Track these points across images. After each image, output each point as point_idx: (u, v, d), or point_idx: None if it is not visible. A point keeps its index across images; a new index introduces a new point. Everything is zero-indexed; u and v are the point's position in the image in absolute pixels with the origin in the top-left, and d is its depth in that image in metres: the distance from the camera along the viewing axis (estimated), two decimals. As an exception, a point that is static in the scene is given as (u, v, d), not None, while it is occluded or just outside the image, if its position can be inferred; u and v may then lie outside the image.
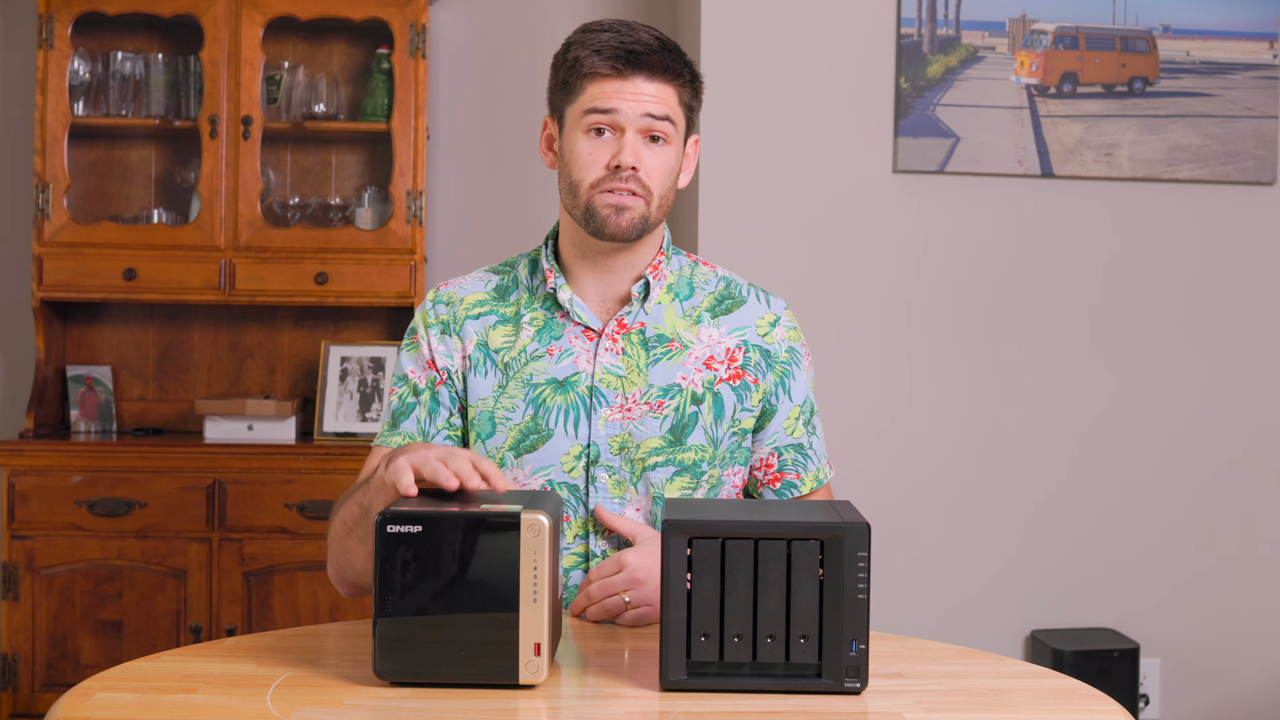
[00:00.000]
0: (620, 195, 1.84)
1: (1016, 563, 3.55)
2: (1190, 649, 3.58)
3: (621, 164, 1.83)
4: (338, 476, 3.39)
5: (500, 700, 1.43)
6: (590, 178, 1.85)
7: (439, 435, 1.92)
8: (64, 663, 3.35)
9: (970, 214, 3.52)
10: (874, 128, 3.48)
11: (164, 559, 3.37)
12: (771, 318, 1.97)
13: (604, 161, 1.84)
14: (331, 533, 1.83)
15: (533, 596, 1.45)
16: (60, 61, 3.50)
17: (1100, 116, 3.52)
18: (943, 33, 3.48)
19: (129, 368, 3.75)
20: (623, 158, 1.83)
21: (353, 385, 3.64)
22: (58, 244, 3.51)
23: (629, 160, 1.83)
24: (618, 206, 1.85)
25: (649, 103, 1.84)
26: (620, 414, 1.88)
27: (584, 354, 1.90)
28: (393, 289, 3.55)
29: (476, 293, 1.97)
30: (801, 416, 1.97)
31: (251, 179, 3.53)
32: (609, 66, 1.83)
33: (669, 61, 1.85)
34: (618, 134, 1.84)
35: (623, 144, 1.84)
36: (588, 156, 1.85)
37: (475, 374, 1.92)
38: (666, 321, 1.93)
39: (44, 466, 3.37)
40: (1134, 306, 3.56)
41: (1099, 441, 3.56)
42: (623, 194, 1.84)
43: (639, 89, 1.83)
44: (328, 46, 3.76)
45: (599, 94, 1.84)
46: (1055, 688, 1.53)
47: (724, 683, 1.46)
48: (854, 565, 1.45)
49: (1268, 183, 3.57)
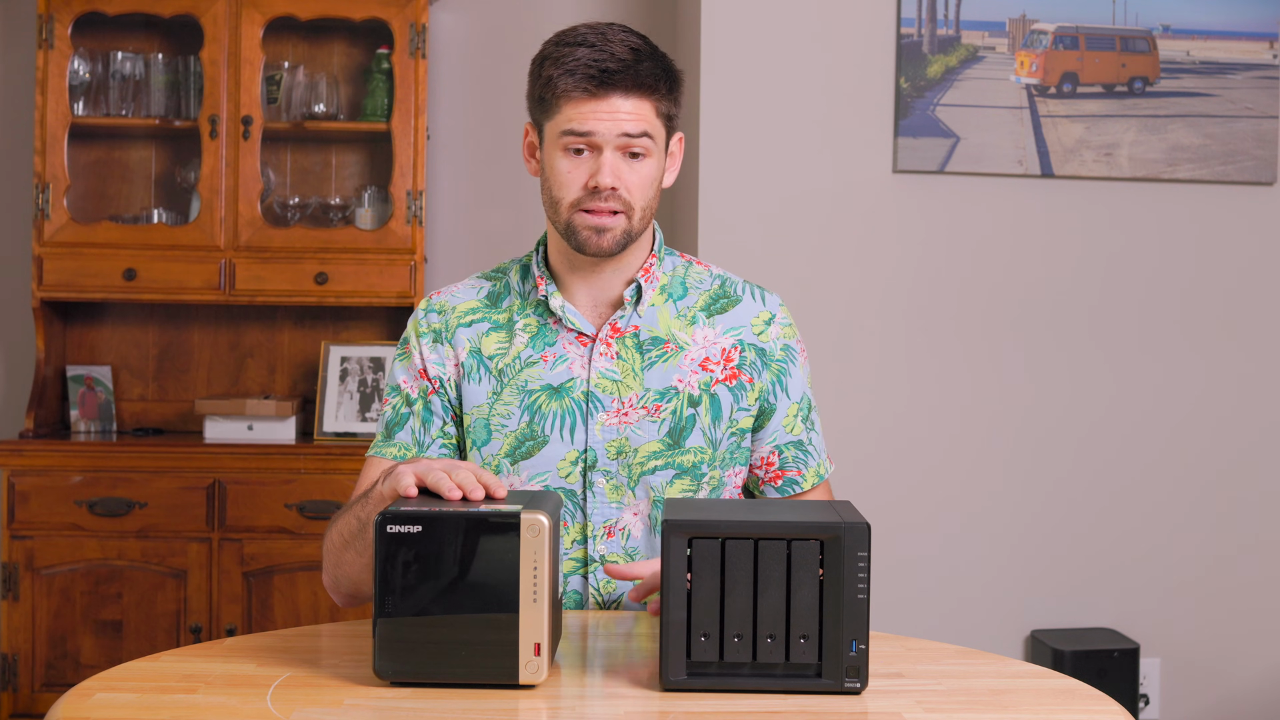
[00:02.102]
0: (600, 217, 1.83)
1: (1016, 563, 3.55)
2: (1190, 649, 3.58)
3: (600, 185, 1.82)
4: (338, 476, 3.39)
5: (500, 700, 1.43)
6: (569, 197, 1.84)
7: (434, 445, 1.92)
8: (64, 663, 3.35)
9: (970, 214, 3.52)
10: (874, 128, 3.48)
11: (164, 559, 3.37)
12: (766, 315, 1.97)
13: (582, 181, 1.83)
14: (327, 543, 1.83)
15: (533, 596, 1.45)
16: (60, 61, 3.50)
17: (1100, 116, 3.52)
18: (943, 33, 3.48)
19: (129, 368, 3.75)
20: (601, 179, 1.82)
21: (353, 385, 3.64)
22: (58, 244, 3.51)
23: (608, 181, 1.82)
24: (598, 228, 1.84)
25: (625, 121, 1.82)
26: (617, 419, 1.88)
27: (578, 359, 1.90)
28: (393, 289, 3.55)
29: (468, 300, 1.97)
30: (800, 413, 1.97)
31: (251, 179, 3.53)
32: (582, 89, 1.81)
33: (643, 76, 1.82)
34: (595, 153, 1.83)
35: (600, 164, 1.82)
36: (566, 175, 1.84)
37: (469, 381, 1.92)
38: (661, 323, 1.93)
39: (44, 466, 3.37)
40: (1134, 306, 3.56)
41: (1099, 441, 3.56)
42: (603, 215, 1.83)
43: (615, 108, 1.81)
44: (328, 46, 3.76)
45: (575, 115, 1.82)
46: (1055, 688, 1.53)
47: (724, 683, 1.46)
48: (854, 565, 1.45)
49: (1268, 183, 3.57)
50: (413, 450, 1.92)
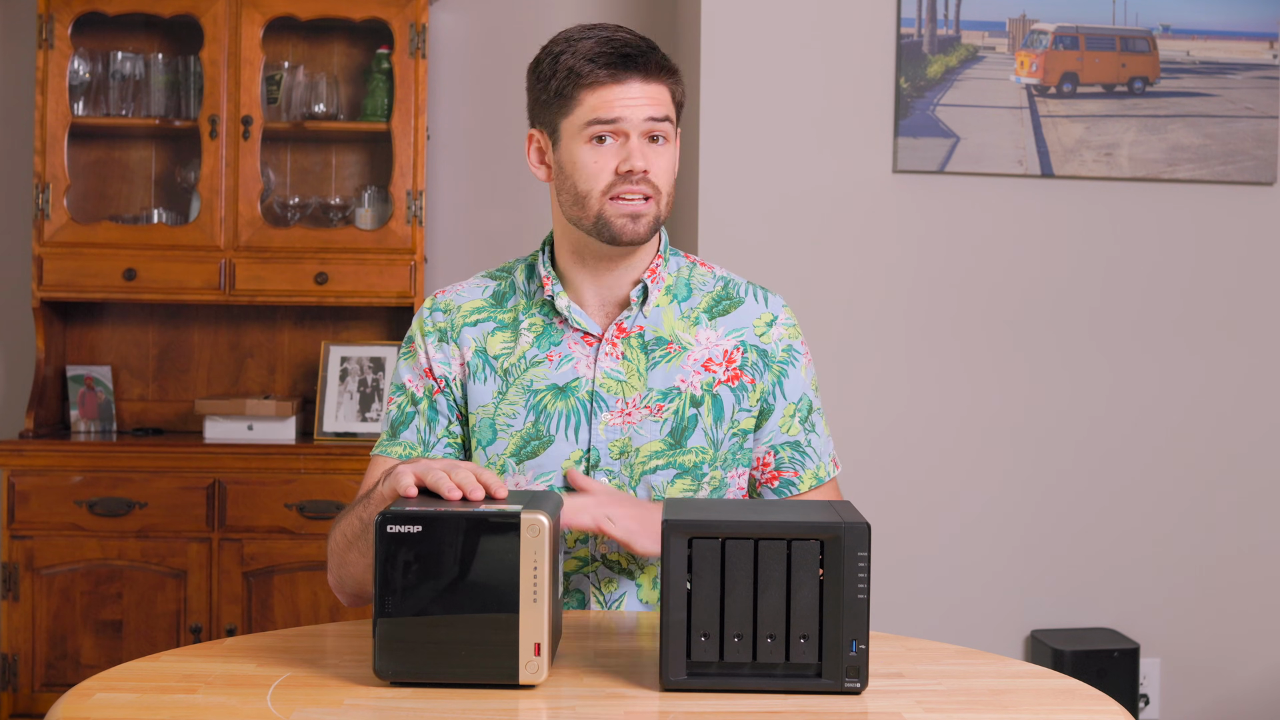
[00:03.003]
0: (634, 203, 1.84)
1: (1016, 563, 3.55)
2: (1190, 649, 3.58)
3: (634, 169, 1.82)
4: (338, 476, 3.39)
5: (500, 700, 1.43)
6: (600, 185, 1.84)
7: (439, 444, 1.92)
8: (64, 663, 3.35)
9: (970, 214, 3.52)
10: (874, 128, 3.48)
11: (164, 559, 3.37)
12: (769, 317, 1.97)
13: (612, 167, 1.84)
14: (332, 544, 1.83)
15: (533, 597, 1.45)
16: (60, 61, 3.50)
17: (1100, 116, 3.52)
18: (943, 33, 3.48)
19: (129, 368, 3.75)
20: (633, 162, 1.82)
21: (353, 385, 3.64)
22: (58, 244, 3.51)
23: (640, 164, 1.83)
24: (633, 215, 1.84)
25: (649, 106, 1.83)
26: (620, 419, 1.88)
27: (584, 359, 1.90)
28: (393, 289, 3.55)
29: (474, 299, 1.97)
30: (798, 414, 1.96)
31: (251, 179, 3.53)
32: (606, 73, 1.82)
33: (661, 60, 1.85)
34: (621, 139, 1.84)
35: (630, 149, 1.83)
36: (594, 165, 1.84)
37: (474, 381, 1.92)
38: (665, 323, 1.93)
39: (44, 466, 3.37)
40: (1134, 306, 3.56)
41: (1099, 441, 3.56)
42: (636, 200, 1.84)
43: (637, 92, 1.83)
44: (328, 46, 3.76)
45: (599, 104, 1.82)
46: (1055, 688, 1.53)
47: (724, 683, 1.46)
48: (854, 565, 1.45)
49: (1268, 183, 3.57)
50: (418, 449, 1.92)
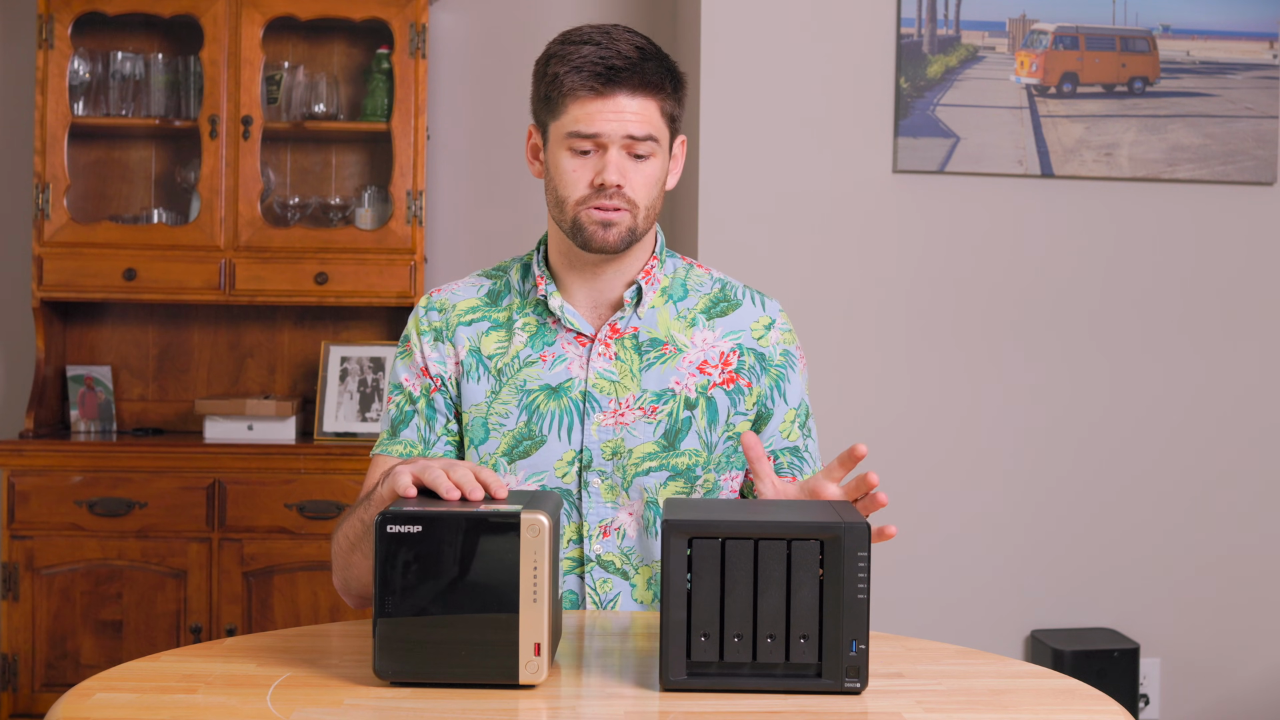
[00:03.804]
0: (606, 212, 1.84)
1: (1016, 562, 3.55)
2: (1190, 649, 3.58)
3: (606, 183, 1.82)
4: (338, 476, 3.39)
5: (500, 700, 1.43)
6: (575, 195, 1.85)
7: (439, 442, 1.92)
8: (64, 663, 3.35)
9: (970, 214, 3.52)
10: (874, 128, 3.48)
11: (164, 559, 3.37)
12: (766, 321, 1.97)
13: (588, 179, 1.84)
14: (335, 547, 1.83)
15: (533, 596, 1.45)
16: (60, 61, 3.50)
17: (1100, 116, 3.52)
18: (943, 33, 3.48)
19: (129, 368, 3.75)
20: (607, 176, 1.82)
21: (353, 385, 3.64)
22: (58, 244, 3.51)
23: (613, 179, 1.82)
24: (604, 223, 1.84)
25: (631, 122, 1.82)
26: (613, 419, 1.88)
27: (577, 360, 1.90)
28: (393, 289, 3.55)
29: (469, 298, 1.97)
30: (797, 420, 1.96)
31: (251, 179, 3.53)
32: (588, 87, 1.81)
33: (649, 75, 1.83)
34: (601, 151, 1.84)
35: (606, 162, 1.83)
36: (572, 174, 1.85)
37: (468, 380, 1.92)
38: (660, 324, 1.93)
39: (44, 466, 3.37)
40: (1134, 306, 3.56)
41: (1099, 441, 3.56)
42: (608, 210, 1.84)
43: (621, 107, 1.82)
44: (328, 46, 3.76)
45: (581, 116, 1.82)
46: (1055, 688, 1.53)
47: (724, 683, 1.46)
48: (854, 565, 1.45)
49: (1268, 183, 3.57)
50: (419, 448, 1.92)
